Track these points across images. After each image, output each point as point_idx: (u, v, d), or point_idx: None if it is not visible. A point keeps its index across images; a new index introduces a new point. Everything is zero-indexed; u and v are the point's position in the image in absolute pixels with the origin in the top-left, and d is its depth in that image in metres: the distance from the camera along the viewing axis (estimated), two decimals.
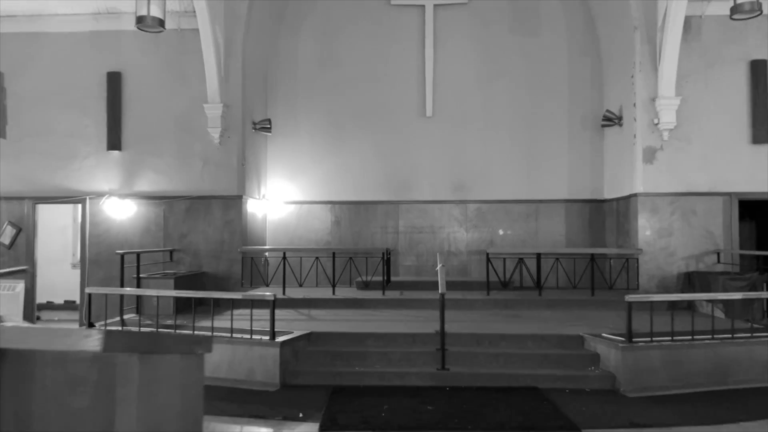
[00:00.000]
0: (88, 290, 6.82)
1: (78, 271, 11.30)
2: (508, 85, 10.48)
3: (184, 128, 9.17)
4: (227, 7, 9.09)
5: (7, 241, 9.18)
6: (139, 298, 7.80)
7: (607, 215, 10.24)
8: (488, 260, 8.83)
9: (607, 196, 10.21)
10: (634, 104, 8.84)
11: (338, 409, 5.10)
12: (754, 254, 8.62)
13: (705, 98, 8.71)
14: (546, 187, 10.44)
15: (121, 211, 9.11)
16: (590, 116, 10.40)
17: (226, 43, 9.08)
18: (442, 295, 6.07)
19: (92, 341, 1.70)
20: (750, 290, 7.33)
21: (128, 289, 7.65)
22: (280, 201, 10.67)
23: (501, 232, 10.40)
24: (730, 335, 5.99)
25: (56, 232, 10.80)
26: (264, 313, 6.28)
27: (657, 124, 8.65)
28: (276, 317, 6.15)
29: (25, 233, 9.21)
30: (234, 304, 7.01)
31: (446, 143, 10.50)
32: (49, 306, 10.70)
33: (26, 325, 1.97)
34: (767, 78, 8.66)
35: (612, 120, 9.61)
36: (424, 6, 10.53)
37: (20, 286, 9.07)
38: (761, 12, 6.54)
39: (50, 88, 9.26)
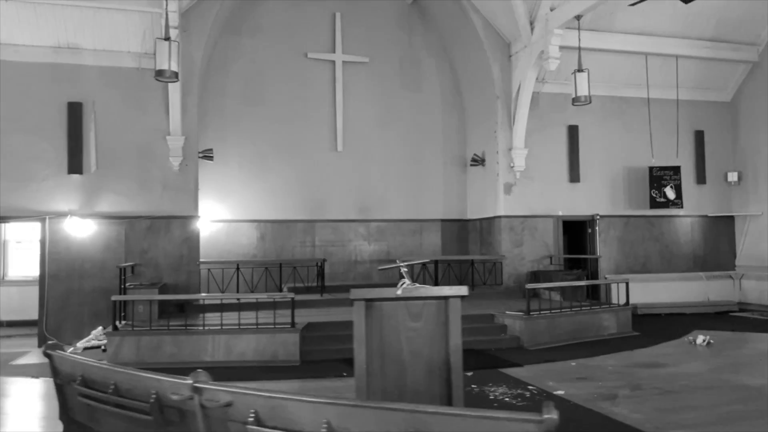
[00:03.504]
0: (114, 298, 7.92)
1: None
2: (400, 129, 13.31)
3: (144, 155, 10.30)
4: (185, 51, 10.48)
5: None
6: (125, 305, 8.92)
7: (470, 231, 13.60)
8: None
9: (470, 217, 13.57)
10: (497, 152, 12.27)
11: None
12: (572, 257, 12.61)
13: (542, 150, 12.46)
14: (427, 209, 13.46)
15: (82, 230, 9.90)
16: (457, 156, 13.70)
17: (183, 83, 10.45)
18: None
19: (463, 290, 3.96)
20: (577, 281, 11.08)
21: (163, 295, 8.88)
22: (208, 220, 12.08)
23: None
24: (579, 308, 9.46)
25: None
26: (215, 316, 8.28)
27: (512, 167, 12.18)
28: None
29: None
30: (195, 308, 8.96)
31: (353, 173, 12.94)
32: None
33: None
34: (578, 137, 12.74)
35: (477, 161, 12.98)
36: (334, 61, 12.91)
37: None
38: (590, 101, 10.25)
39: (7, 113, 9.68)
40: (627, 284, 10.15)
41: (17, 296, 11.15)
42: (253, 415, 2.94)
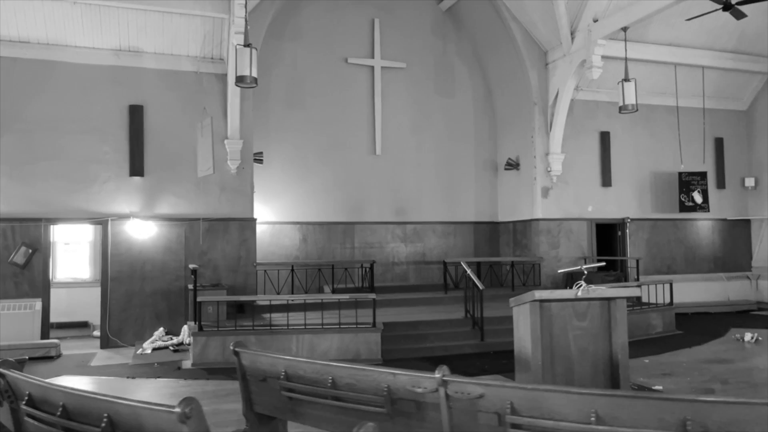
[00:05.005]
0: (199, 299, 8.04)
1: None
2: (433, 133, 13.62)
3: None
4: None
5: (21, 261, 9.31)
6: (195, 306, 9.01)
7: (501, 233, 13.98)
8: (445, 267, 11.83)
9: (501, 219, 13.95)
10: (534, 156, 12.67)
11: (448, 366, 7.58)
12: (606, 259, 13.06)
13: (576, 155, 12.91)
14: (460, 211, 13.79)
15: (143, 232, 9.95)
16: (488, 160, 14.07)
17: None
18: (481, 290, 8.85)
19: (636, 291, 4.28)
20: (616, 282, 11.55)
21: (246, 296, 9.17)
22: None
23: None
24: (631, 308, 9.90)
25: None
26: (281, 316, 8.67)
27: (549, 171, 12.59)
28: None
29: (41, 254, 9.45)
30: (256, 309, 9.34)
31: (390, 176, 13.19)
32: None
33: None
34: (610, 143, 13.23)
35: (512, 165, 13.36)
36: (373, 66, 13.14)
37: (38, 304, 9.39)
38: (637, 109, 10.69)
39: (67, 115, 9.69)
40: (671, 285, 10.65)
41: (66, 298, 11.09)
42: (509, 405, 3.21)
